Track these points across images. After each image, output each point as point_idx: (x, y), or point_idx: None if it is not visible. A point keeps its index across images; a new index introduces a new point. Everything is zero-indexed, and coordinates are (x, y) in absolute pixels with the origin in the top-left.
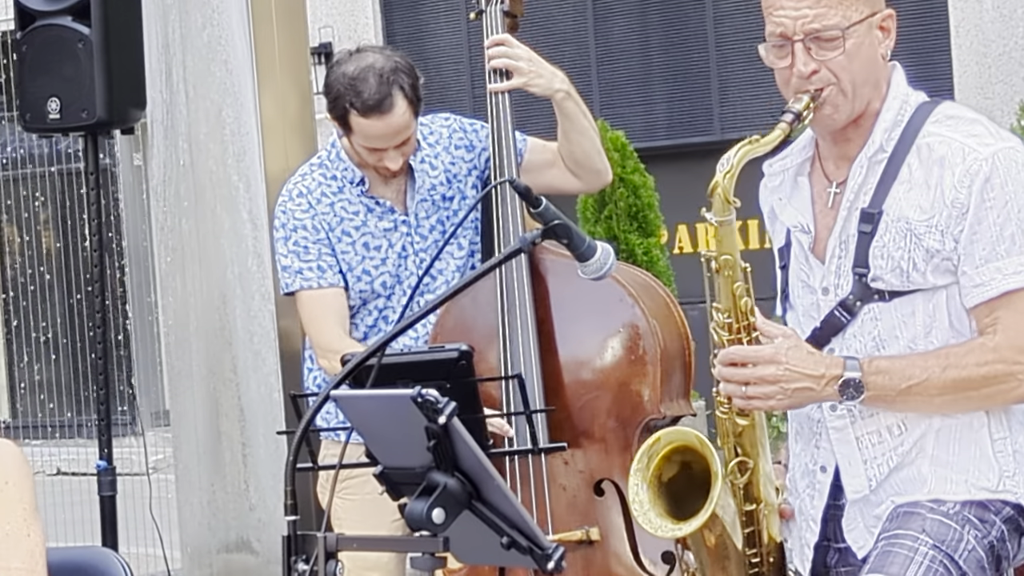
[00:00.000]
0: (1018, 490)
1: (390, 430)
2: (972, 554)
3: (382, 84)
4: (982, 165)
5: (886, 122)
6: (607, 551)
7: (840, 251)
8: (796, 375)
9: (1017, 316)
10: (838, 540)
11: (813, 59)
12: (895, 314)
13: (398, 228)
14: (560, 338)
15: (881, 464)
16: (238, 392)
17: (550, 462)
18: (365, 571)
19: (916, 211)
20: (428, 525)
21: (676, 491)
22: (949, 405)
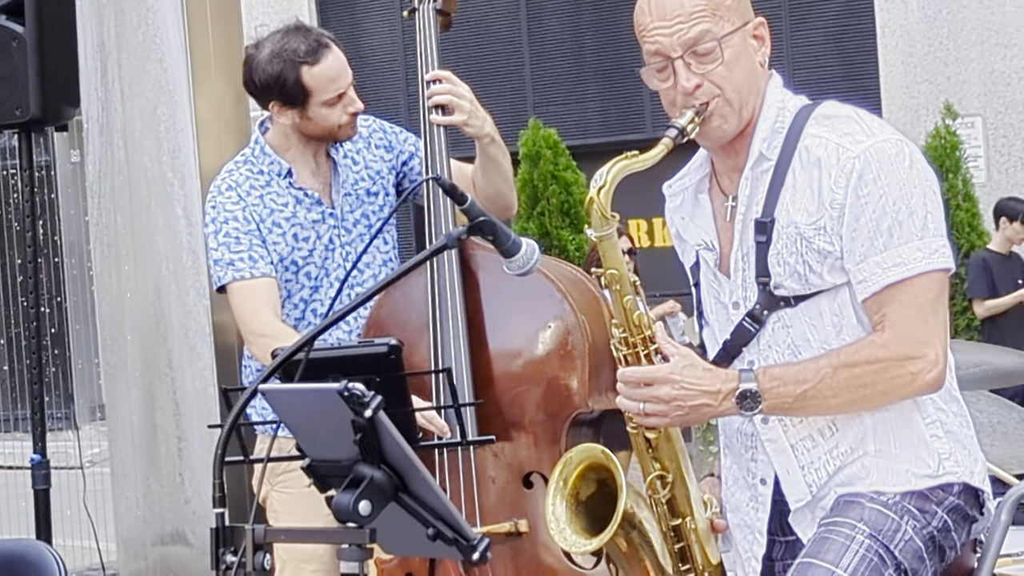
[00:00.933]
0: (958, 469)
1: (317, 424)
2: (909, 544)
3: (307, 34)
4: (855, 163)
5: (763, 131)
6: (536, 543)
7: (743, 264)
8: (693, 393)
9: (902, 309)
10: (784, 534)
11: (694, 74)
12: (803, 318)
13: (325, 220)
14: (490, 332)
15: (819, 468)
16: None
17: (479, 455)
18: (301, 563)
19: (803, 215)
20: (355, 517)
21: (596, 509)
22: (847, 405)
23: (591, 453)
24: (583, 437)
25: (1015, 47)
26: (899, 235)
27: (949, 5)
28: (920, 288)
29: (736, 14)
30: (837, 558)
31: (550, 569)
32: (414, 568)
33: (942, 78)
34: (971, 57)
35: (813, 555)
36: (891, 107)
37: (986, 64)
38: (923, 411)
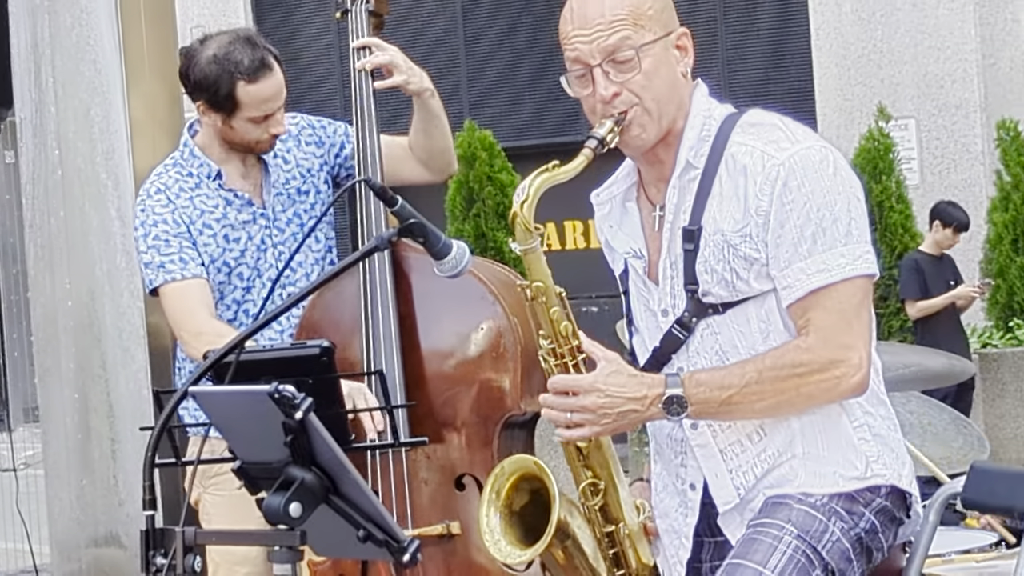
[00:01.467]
0: (886, 472)
1: (248, 425)
2: (836, 545)
3: (254, 48)
4: (780, 170)
5: (690, 140)
6: (468, 545)
7: (671, 271)
8: (619, 400)
9: (826, 314)
10: (713, 535)
11: (613, 82)
12: (731, 325)
13: (256, 221)
14: (422, 334)
15: (747, 472)
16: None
17: (411, 457)
18: (234, 566)
19: (730, 222)
20: (285, 519)
21: (530, 519)
22: (773, 409)
23: (523, 464)
24: (515, 439)
25: (948, 50)
26: (823, 241)
27: (883, 8)
28: (844, 294)
29: (658, 24)
30: (765, 558)
31: (482, 570)
32: (347, 571)
33: (876, 80)
34: (904, 60)
35: (741, 556)
36: (825, 109)
37: (919, 67)
38: (850, 415)
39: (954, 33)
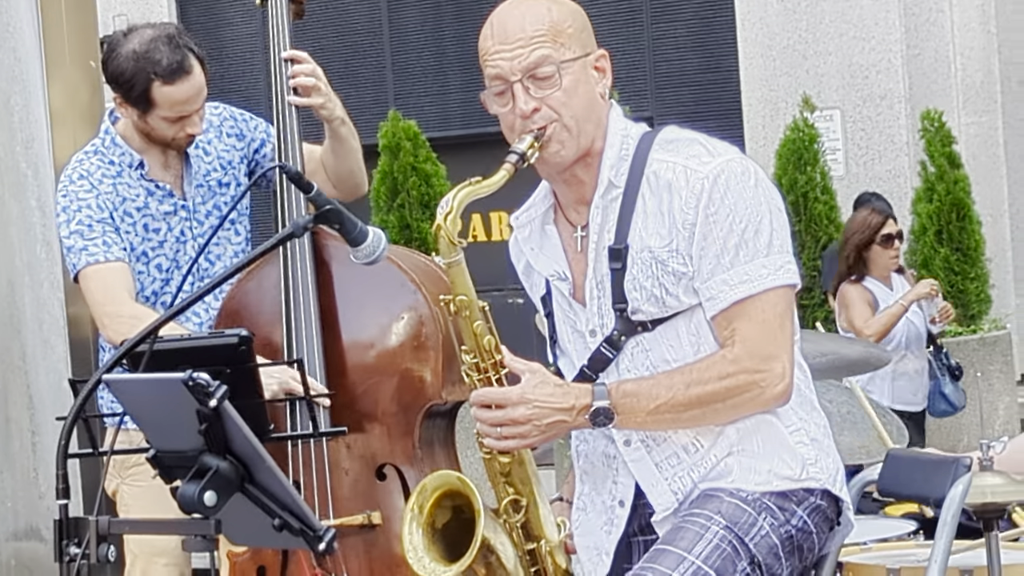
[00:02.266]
0: (821, 476)
1: (162, 414)
2: (765, 539)
3: (175, 48)
4: (703, 183)
5: (610, 159)
6: (389, 534)
7: (598, 292)
8: (547, 411)
9: (751, 325)
10: (645, 533)
11: (532, 98)
12: (662, 341)
13: (177, 212)
14: (343, 323)
15: (684, 478)
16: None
17: (332, 446)
18: (153, 557)
19: (656, 239)
20: (200, 508)
21: (452, 536)
22: (699, 419)
23: (447, 480)
24: (437, 428)
25: (873, 40)
26: (745, 253)
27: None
28: (767, 304)
29: (577, 43)
30: (690, 545)
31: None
32: (267, 561)
33: (801, 71)
34: (829, 50)
35: (667, 542)
36: (751, 100)
37: (844, 57)
38: (785, 420)
39: (879, 24)
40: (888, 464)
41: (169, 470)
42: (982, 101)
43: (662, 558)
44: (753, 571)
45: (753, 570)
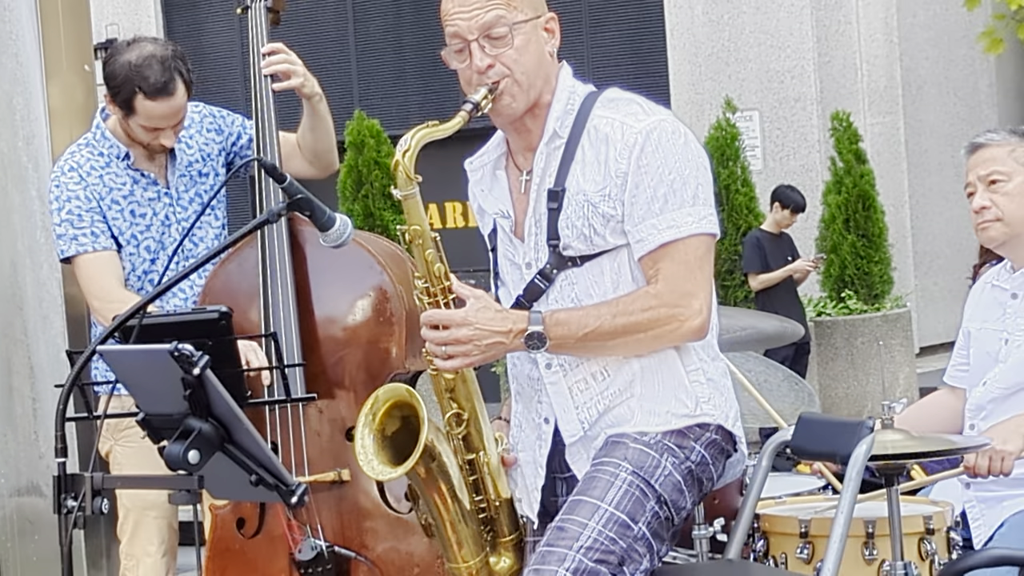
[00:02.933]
0: (715, 412)
1: (151, 381)
2: (668, 478)
3: (165, 70)
4: (637, 137)
5: (557, 111)
6: (357, 490)
7: (536, 229)
8: (487, 333)
9: (674, 265)
10: (563, 471)
11: (487, 55)
12: (587, 276)
13: (161, 199)
14: (316, 300)
15: (591, 408)
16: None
17: (306, 411)
18: (144, 511)
19: (591, 184)
20: (184, 465)
21: (400, 444)
22: (622, 347)
23: (397, 392)
24: None
25: (788, 48)
26: (673, 201)
27: (730, 11)
28: (689, 248)
29: (529, 7)
30: (603, 493)
31: (369, 513)
32: (246, 514)
33: (724, 76)
34: (749, 58)
35: (583, 492)
36: (679, 102)
37: (762, 64)
38: (687, 361)
39: (793, 34)
40: (800, 426)
41: (157, 432)
42: (885, 103)
43: (579, 508)
44: (661, 508)
45: (661, 508)
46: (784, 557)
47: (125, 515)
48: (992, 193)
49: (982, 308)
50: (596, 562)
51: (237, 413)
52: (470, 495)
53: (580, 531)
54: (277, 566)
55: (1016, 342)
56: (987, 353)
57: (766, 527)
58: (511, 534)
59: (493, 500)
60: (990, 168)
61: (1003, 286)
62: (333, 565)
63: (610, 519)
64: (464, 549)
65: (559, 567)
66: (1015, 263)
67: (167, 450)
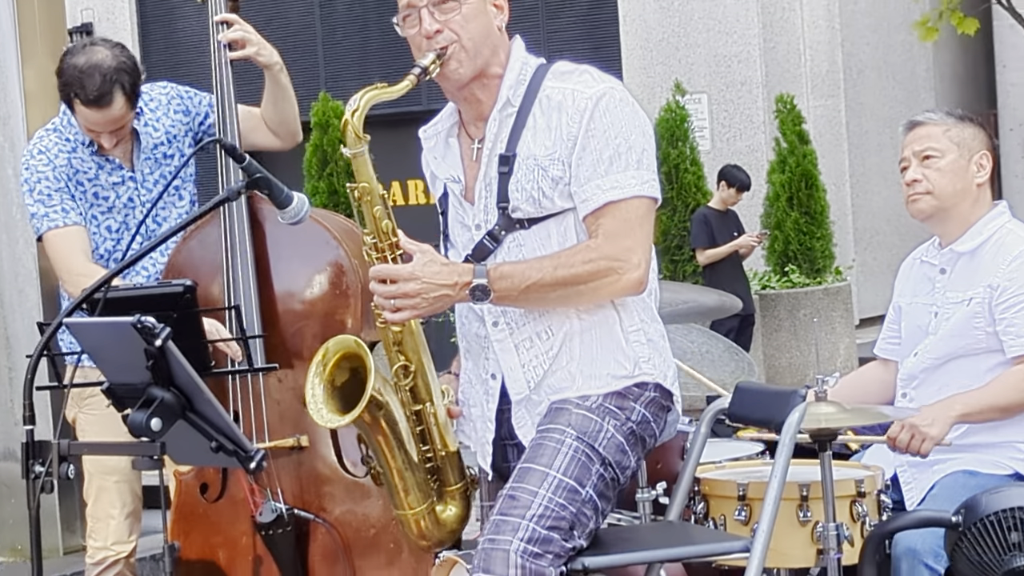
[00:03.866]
0: (654, 371)
1: (115, 352)
2: (611, 440)
3: (105, 82)
4: (588, 102)
5: (509, 81)
6: (315, 455)
7: (486, 192)
8: (433, 286)
9: (616, 223)
10: (512, 438)
11: (436, 20)
12: (534, 238)
13: (125, 183)
14: (276, 275)
15: (536, 367)
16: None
17: (266, 380)
18: (105, 475)
19: (542, 149)
20: (147, 432)
21: (349, 394)
22: (563, 299)
23: (346, 343)
24: None
25: (735, 34)
26: (618, 164)
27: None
28: (631, 208)
29: None
30: (551, 460)
31: (327, 478)
32: (209, 479)
33: (674, 60)
34: (698, 43)
35: (531, 460)
36: (631, 85)
37: (711, 49)
38: (628, 322)
39: (740, 20)
40: (737, 394)
41: (121, 400)
42: (827, 87)
43: (529, 476)
44: (606, 471)
45: (606, 470)
46: (723, 519)
47: (89, 480)
48: (925, 168)
49: (912, 283)
50: (548, 529)
51: (198, 383)
52: (417, 445)
53: (531, 499)
54: (239, 529)
55: (945, 315)
56: (918, 326)
57: (706, 490)
58: (457, 483)
59: (440, 450)
60: (925, 144)
61: (932, 261)
62: (293, 527)
63: (559, 486)
64: (411, 496)
65: (513, 537)
66: (943, 239)
67: (130, 418)
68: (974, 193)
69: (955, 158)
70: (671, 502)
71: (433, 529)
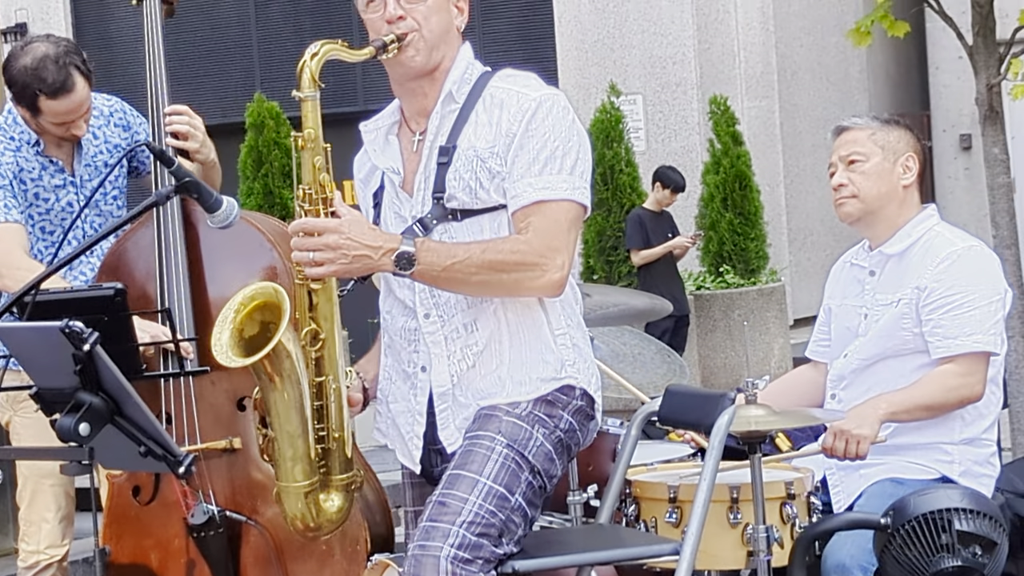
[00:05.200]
0: (579, 376)
1: (43, 357)
2: (540, 448)
3: (61, 68)
4: (531, 104)
5: (454, 77)
6: (247, 457)
7: (424, 184)
8: (357, 245)
9: (545, 221)
10: (436, 443)
11: (401, 7)
12: (466, 232)
13: (66, 186)
14: (209, 277)
15: (460, 360)
16: None
17: (199, 383)
18: (41, 479)
19: (483, 142)
20: (75, 437)
21: (256, 347)
22: (482, 286)
23: (265, 289)
24: None
25: (670, 36)
26: (552, 167)
27: (614, 0)
28: (560, 210)
29: None
30: (481, 467)
31: (260, 482)
32: (141, 482)
33: (609, 62)
34: (633, 44)
35: (460, 467)
36: (566, 86)
37: (646, 51)
38: (555, 324)
39: (675, 22)
40: (666, 397)
41: (50, 405)
42: (761, 88)
43: (459, 483)
44: (535, 478)
45: (534, 477)
46: (654, 521)
47: (23, 483)
48: (851, 172)
49: (842, 285)
50: (479, 535)
51: (126, 387)
52: (313, 419)
53: (462, 506)
54: (172, 531)
55: (875, 316)
56: (847, 328)
57: (637, 492)
58: (343, 474)
59: (333, 431)
60: (851, 149)
61: (861, 264)
62: (224, 528)
63: (489, 492)
64: (297, 467)
65: (444, 543)
66: (872, 241)
67: (59, 423)
68: (900, 195)
69: (879, 161)
70: (602, 505)
71: (313, 511)
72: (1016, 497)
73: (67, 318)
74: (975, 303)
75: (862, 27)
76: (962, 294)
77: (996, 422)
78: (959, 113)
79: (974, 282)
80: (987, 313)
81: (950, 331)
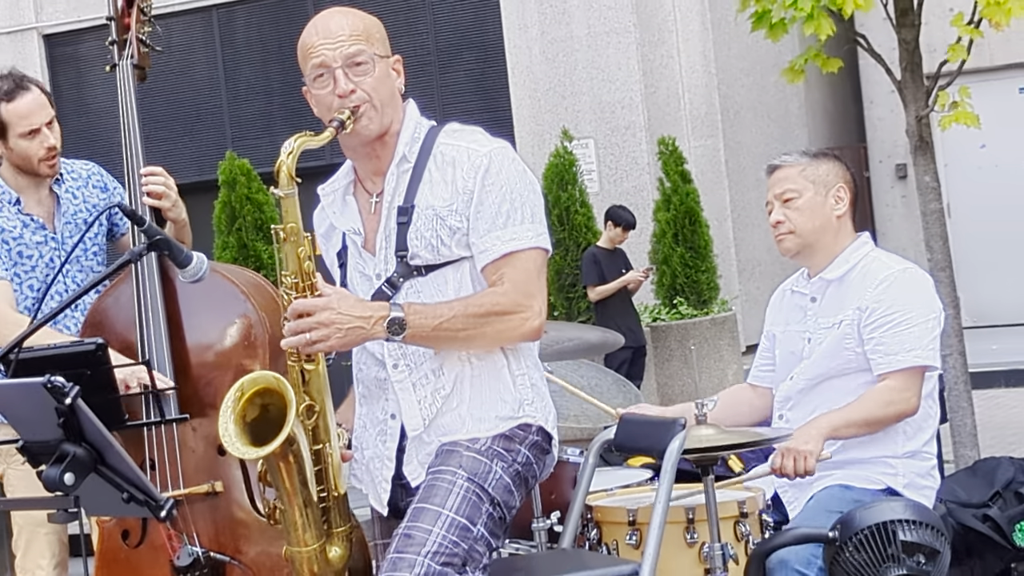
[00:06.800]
0: (536, 414)
1: (28, 411)
2: (499, 481)
3: (12, 76)
4: (483, 159)
5: (405, 138)
6: (230, 500)
7: (385, 243)
8: (349, 318)
9: (517, 271)
10: (402, 478)
11: (351, 81)
12: (431, 285)
13: (48, 243)
14: (187, 328)
15: (431, 404)
16: None
17: (180, 430)
18: (35, 527)
19: (439, 200)
20: (61, 487)
21: (259, 430)
22: (470, 340)
23: (265, 378)
24: None
25: (617, 82)
26: (515, 217)
27: (564, 50)
28: (528, 258)
29: (382, 46)
30: (443, 500)
31: (242, 521)
32: (130, 526)
33: (561, 109)
34: (583, 91)
35: (424, 500)
36: (521, 133)
37: (595, 97)
38: (515, 368)
39: (621, 69)
40: (621, 425)
41: (36, 457)
42: (706, 128)
43: (423, 516)
44: (495, 510)
45: (495, 509)
46: (615, 544)
47: (19, 532)
48: (786, 209)
49: (784, 312)
50: (443, 564)
51: (108, 437)
52: (315, 484)
53: (426, 537)
54: (159, 573)
55: (818, 340)
56: (792, 352)
57: (598, 517)
58: (343, 525)
59: (333, 491)
60: (784, 187)
61: (803, 291)
62: (210, 569)
63: (452, 524)
64: (308, 533)
65: (410, 572)
66: (811, 270)
67: (45, 474)
68: (835, 225)
69: (812, 195)
70: (564, 530)
71: (324, 567)
72: (958, 507)
73: (50, 373)
74: (913, 320)
75: (796, 65)
76: (900, 312)
77: (935, 435)
78: (894, 144)
79: (911, 301)
80: (925, 330)
81: (891, 348)
